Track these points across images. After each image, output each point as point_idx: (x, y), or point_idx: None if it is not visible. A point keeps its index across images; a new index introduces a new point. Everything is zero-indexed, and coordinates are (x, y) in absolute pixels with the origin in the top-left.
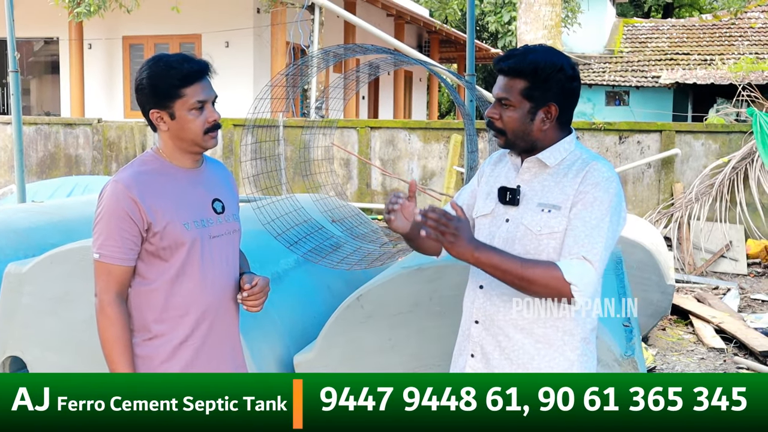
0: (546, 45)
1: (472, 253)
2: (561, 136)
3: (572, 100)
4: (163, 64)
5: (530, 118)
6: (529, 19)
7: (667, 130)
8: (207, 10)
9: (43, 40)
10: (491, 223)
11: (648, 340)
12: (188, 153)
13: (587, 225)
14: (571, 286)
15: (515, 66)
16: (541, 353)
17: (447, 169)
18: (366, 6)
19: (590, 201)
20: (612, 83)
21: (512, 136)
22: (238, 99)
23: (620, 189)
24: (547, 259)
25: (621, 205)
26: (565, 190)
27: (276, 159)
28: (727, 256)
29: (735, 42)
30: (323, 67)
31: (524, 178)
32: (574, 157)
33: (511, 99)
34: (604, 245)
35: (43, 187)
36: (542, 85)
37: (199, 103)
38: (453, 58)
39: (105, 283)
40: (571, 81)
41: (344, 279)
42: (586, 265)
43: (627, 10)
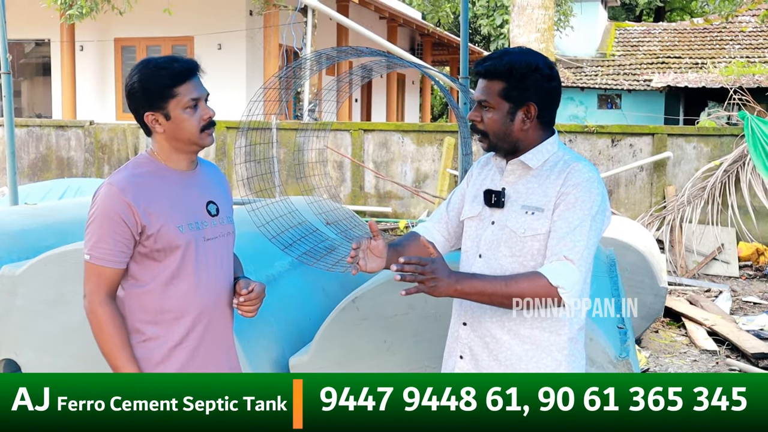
0: (524, 47)
1: (454, 288)
2: (543, 136)
3: (551, 100)
4: (153, 66)
5: (510, 118)
6: (521, 23)
7: (659, 133)
8: (199, 13)
9: (34, 42)
10: (478, 226)
11: (641, 342)
12: (185, 153)
13: (569, 225)
14: (559, 289)
15: (492, 68)
16: (529, 354)
17: (440, 172)
18: (359, 9)
19: (572, 202)
20: (604, 86)
21: (494, 138)
22: (230, 101)
23: (602, 189)
24: (532, 261)
25: (603, 205)
26: (547, 192)
27: (270, 161)
28: (719, 258)
29: (726, 46)
30: (317, 70)
31: (509, 181)
32: (556, 158)
33: (490, 101)
34: (586, 244)
35: (34, 190)
36: (519, 84)
37: (193, 101)
38: (445, 61)
39: (95, 285)
40: (549, 80)
41: (339, 281)
42: (569, 265)
43: (619, 13)
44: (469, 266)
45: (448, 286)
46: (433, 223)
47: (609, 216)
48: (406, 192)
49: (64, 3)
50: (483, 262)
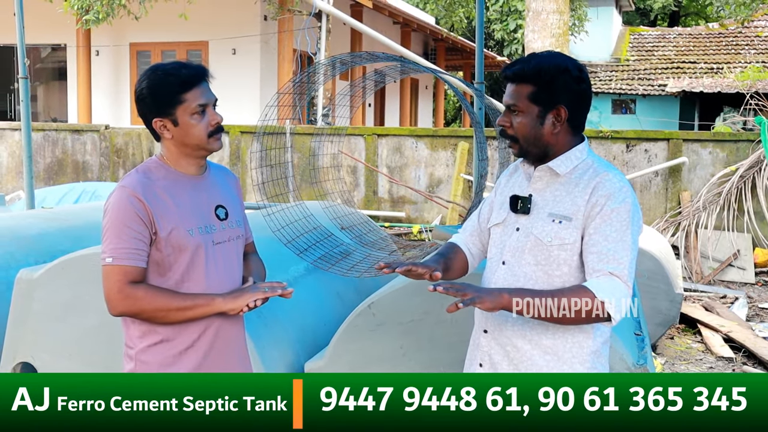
0: (553, 50)
1: (502, 297)
2: (574, 142)
3: (582, 103)
4: (161, 72)
5: (540, 122)
6: (536, 27)
7: (675, 138)
8: (214, 18)
9: (50, 47)
10: (502, 232)
11: (656, 349)
12: (193, 158)
13: (609, 239)
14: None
15: (520, 71)
16: (550, 365)
17: (454, 177)
18: (373, 14)
19: (608, 214)
20: (618, 91)
21: (524, 142)
22: (244, 106)
23: (634, 198)
24: (557, 270)
25: (638, 215)
26: (575, 200)
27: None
28: (734, 264)
29: (742, 51)
30: (332, 75)
31: (536, 187)
32: (585, 165)
33: (519, 105)
34: (630, 258)
35: (50, 194)
36: (548, 87)
37: (200, 107)
38: (459, 66)
39: (121, 283)
40: (578, 82)
41: (354, 286)
42: (615, 280)
43: (633, 18)
44: (492, 273)
45: (499, 295)
46: (467, 235)
47: (642, 225)
48: (419, 197)
49: (80, 8)
50: (506, 270)
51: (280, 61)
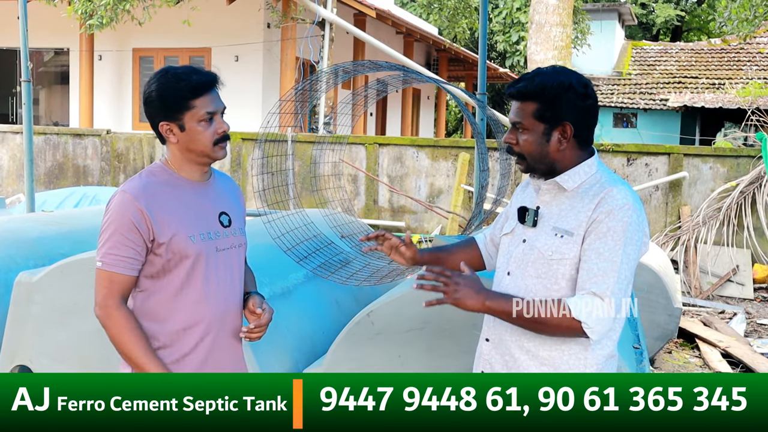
0: (557, 65)
1: (483, 303)
2: (582, 156)
3: (587, 118)
4: (172, 76)
5: (545, 139)
6: (539, 40)
7: (675, 153)
8: (217, 25)
9: (53, 51)
10: (510, 242)
11: (654, 363)
12: (197, 164)
13: (600, 257)
14: (582, 324)
15: (523, 89)
16: None
17: (454, 187)
18: (376, 23)
19: (603, 231)
20: (620, 105)
21: (531, 159)
22: (246, 113)
23: (637, 216)
24: (556, 285)
25: (637, 234)
26: (578, 215)
27: (285, 174)
28: (733, 280)
29: (743, 67)
30: (334, 83)
31: (544, 200)
32: (593, 180)
33: (524, 122)
34: (617, 278)
35: (51, 197)
36: (552, 105)
37: (209, 114)
38: (461, 77)
39: (107, 291)
40: (584, 98)
41: (353, 294)
42: (596, 300)
43: (636, 32)
44: (498, 283)
45: (477, 301)
46: (488, 239)
47: (646, 243)
48: (419, 207)
49: (84, 13)
50: (510, 280)
51: (282, 68)
